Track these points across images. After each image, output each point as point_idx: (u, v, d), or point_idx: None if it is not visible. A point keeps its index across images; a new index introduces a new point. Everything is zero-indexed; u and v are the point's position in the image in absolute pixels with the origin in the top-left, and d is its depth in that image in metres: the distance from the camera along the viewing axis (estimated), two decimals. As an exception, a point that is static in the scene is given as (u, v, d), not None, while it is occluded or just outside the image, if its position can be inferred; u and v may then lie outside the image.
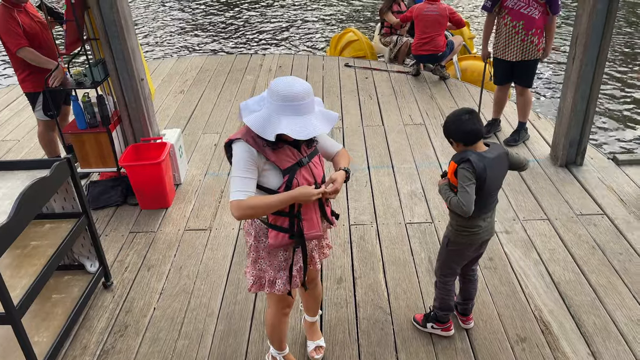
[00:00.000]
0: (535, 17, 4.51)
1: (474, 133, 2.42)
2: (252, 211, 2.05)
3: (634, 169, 4.48)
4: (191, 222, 4.05)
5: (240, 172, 2.06)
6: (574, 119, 4.38)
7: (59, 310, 3.02)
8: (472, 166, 2.38)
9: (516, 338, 2.94)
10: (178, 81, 6.92)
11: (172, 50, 10.08)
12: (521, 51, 4.65)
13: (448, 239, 2.72)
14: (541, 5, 4.47)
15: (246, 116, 2.04)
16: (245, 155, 2.06)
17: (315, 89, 6.46)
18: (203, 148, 5.18)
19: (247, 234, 2.33)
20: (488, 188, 2.47)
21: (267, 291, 2.35)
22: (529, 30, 4.55)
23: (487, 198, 2.52)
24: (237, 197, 2.04)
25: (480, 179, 2.40)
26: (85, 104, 4.01)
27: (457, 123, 2.44)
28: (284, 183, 2.10)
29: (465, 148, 2.46)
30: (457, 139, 2.46)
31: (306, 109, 1.97)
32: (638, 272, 3.37)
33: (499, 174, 2.53)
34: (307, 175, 2.16)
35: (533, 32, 4.54)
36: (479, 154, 2.42)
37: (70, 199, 3.12)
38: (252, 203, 2.04)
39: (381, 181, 4.50)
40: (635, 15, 10.88)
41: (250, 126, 1.99)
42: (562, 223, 3.86)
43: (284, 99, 1.94)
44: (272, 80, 2.01)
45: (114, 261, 3.68)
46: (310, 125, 1.97)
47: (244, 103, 2.10)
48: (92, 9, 3.81)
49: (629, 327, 2.98)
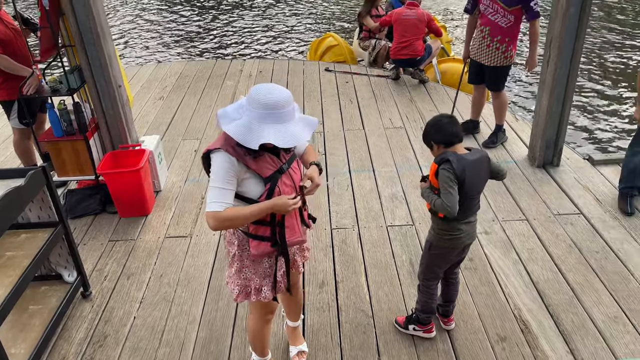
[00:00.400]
0: (502, 25, 4.54)
1: (453, 134, 2.48)
2: (230, 222, 2.04)
3: (609, 169, 4.57)
4: (171, 229, 4.02)
5: (219, 183, 2.03)
6: (550, 121, 4.45)
7: (36, 322, 2.97)
8: (452, 166, 2.42)
9: (496, 338, 2.97)
10: (157, 87, 6.87)
11: (151, 56, 10.01)
12: (487, 56, 4.74)
13: (430, 243, 2.74)
14: (511, 14, 4.48)
15: (226, 125, 1.99)
16: (225, 165, 2.03)
17: (295, 94, 6.47)
18: (183, 154, 5.14)
19: (230, 244, 2.30)
20: (468, 190, 2.49)
21: (253, 299, 2.33)
22: (494, 36, 4.61)
23: (467, 201, 2.54)
24: (214, 209, 2.02)
25: (459, 179, 2.43)
26: (61, 112, 3.96)
27: (436, 126, 2.51)
28: (265, 191, 2.09)
29: (445, 150, 2.50)
30: (437, 141, 2.51)
31: (288, 116, 1.95)
32: (614, 270, 3.43)
33: (479, 177, 2.55)
34: (287, 181, 2.15)
35: (499, 39, 4.59)
36: (459, 155, 2.46)
37: (47, 208, 3.07)
38: (230, 214, 2.02)
39: (362, 185, 4.52)
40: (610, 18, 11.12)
41: (232, 135, 1.95)
42: (540, 223, 3.92)
43: (265, 107, 1.91)
44: (252, 88, 1.99)
45: (93, 270, 3.63)
46: (294, 133, 1.95)
47: (221, 110, 2.06)
48: (67, 15, 3.76)
49: (606, 324, 3.03)
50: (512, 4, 4.47)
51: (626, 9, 11.75)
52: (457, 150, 2.50)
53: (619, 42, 9.62)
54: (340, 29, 11.16)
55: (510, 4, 4.47)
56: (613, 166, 4.61)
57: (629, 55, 8.91)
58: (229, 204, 2.04)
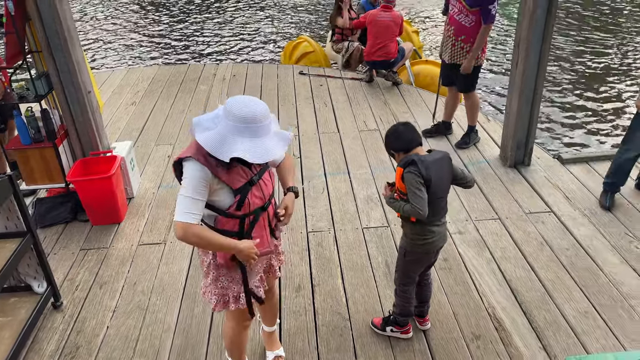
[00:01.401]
0: (466, 24, 4.60)
1: (410, 140, 2.56)
2: (197, 241, 2.04)
3: (578, 167, 4.68)
4: (145, 237, 3.96)
5: (191, 193, 2.00)
6: (520, 121, 4.54)
7: (5, 334, 2.89)
8: (417, 167, 2.46)
9: (471, 336, 3.00)
10: (129, 92, 6.77)
11: (122, 61, 9.87)
12: (451, 55, 4.81)
13: (405, 250, 2.76)
14: (473, 14, 4.54)
15: (199, 133, 1.96)
16: (197, 174, 1.99)
17: (270, 97, 6.46)
18: (156, 160, 5.08)
19: (204, 253, 2.27)
20: (435, 190, 2.53)
21: (232, 308, 2.30)
22: (458, 36, 4.68)
23: (435, 202, 2.57)
24: (185, 220, 1.99)
25: (425, 180, 2.47)
26: (28, 119, 3.87)
27: (395, 134, 2.60)
28: (235, 202, 2.08)
29: (406, 154, 2.56)
30: (398, 149, 2.59)
31: (263, 131, 1.93)
32: (584, 266, 3.51)
33: (443, 177, 2.60)
34: (257, 193, 2.14)
35: (463, 38, 4.65)
36: (421, 156, 2.52)
37: (14, 218, 3.00)
38: (201, 234, 2.02)
39: (338, 187, 4.53)
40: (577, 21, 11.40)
41: (204, 145, 1.92)
42: (512, 222, 3.98)
43: (240, 120, 1.89)
44: (229, 98, 1.97)
45: (64, 280, 3.55)
46: (267, 149, 1.93)
47: (197, 119, 2.02)
48: (34, 20, 3.68)
49: (577, 319, 3.09)
50: (474, 4, 4.51)
51: (590, 15, 12.07)
52: (417, 152, 2.56)
53: (587, 44, 9.87)
54: (311, 31, 11.17)
55: (471, 4, 4.52)
56: (582, 164, 4.72)
57: (596, 57, 9.14)
58: (199, 215, 2.02)
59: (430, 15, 12.28)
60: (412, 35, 8.15)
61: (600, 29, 10.73)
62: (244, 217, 2.13)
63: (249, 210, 2.13)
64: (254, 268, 2.31)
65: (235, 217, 2.12)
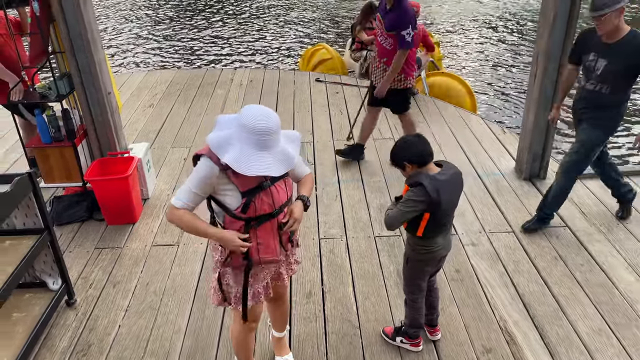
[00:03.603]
0: (387, 47, 4.41)
1: (426, 153, 2.46)
2: (181, 224, 2.14)
3: (594, 182, 4.62)
4: (158, 238, 4.00)
5: (192, 186, 2.09)
6: (537, 134, 4.51)
7: (19, 329, 2.93)
8: (426, 192, 2.39)
9: (482, 349, 2.98)
10: (147, 95, 6.86)
11: (141, 63, 10.00)
12: (375, 76, 4.66)
13: (408, 258, 2.76)
14: (390, 37, 4.34)
15: (215, 132, 2.03)
16: (204, 172, 2.06)
17: (286, 104, 6.50)
18: (172, 162, 5.13)
19: (214, 249, 2.31)
20: (445, 208, 2.49)
21: (232, 307, 2.34)
22: (381, 58, 4.52)
23: (443, 218, 2.55)
24: (174, 203, 2.13)
25: (433, 203, 2.42)
26: (49, 118, 3.94)
27: (406, 145, 2.51)
28: (241, 205, 2.09)
29: (418, 170, 2.48)
30: (410, 160, 2.48)
31: (265, 145, 1.95)
32: (598, 282, 3.47)
33: (454, 195, 2.56)
34: (267, 199, 2.14)
35: (385, 60, 4.48)
36: (432, 176, 2.44)
37: (32, 215, 3.04)
38: (185, 218, 2.12)
39: (351, 195, 4.53)
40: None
41: (208, 143, 1.99)
42: (526, 235, 3.95)
43: (247, 129, 1.93)
44: (245, 106, 2.01)
45: (78, 278, 3.59)
46: (262, 164, 1.94)
47: (220, 117, 2.10)
48: (58, 22, 3.76)
49: (590, 337, 3.05)
50: (390, 28, 4.30)
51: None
52: (429, 169, 2.49)
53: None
54: (331, 39, 11.22)
55: (387, 28, 4.32)
56: (598, 180, 4.65)
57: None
58: (190, 205, 2.13)
59: (453, 26, 12.28)
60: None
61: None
62: (249, 220, 2.14)
63: (255, 215, 2.13)
64: (260, 274, 2.33)
65: (240, 220, 2.13)
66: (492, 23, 12.52)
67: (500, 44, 10.96)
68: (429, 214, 2.48)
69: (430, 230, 2.56)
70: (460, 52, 10.48)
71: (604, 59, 3.42)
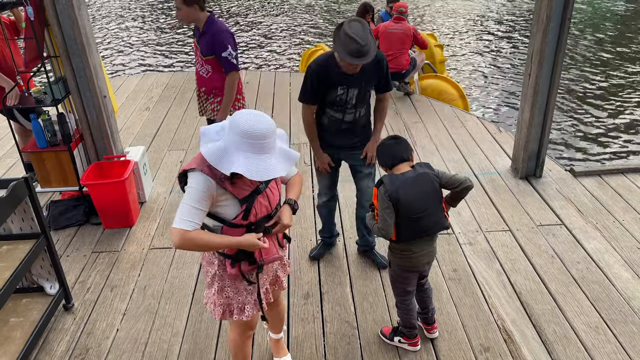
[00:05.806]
0: (203, 75, 3.91)
1: (393, 155, 2.55)
2: (194, 246, 2.00)
3: (590, 180, 4.65)
4: (156, 241, 4.00)
5: (192, 202, 1.98)
6: (532, 133, 4.53)
7: (17, 334, 2.93)
8: (385, 188, 2.46)
9: (480, 348, 2.99)
10: (143, 98, 6.86)
11: (137, 67, 9.99)
12: (199, 108, 4.14)
13: (389, 261, 2.80)
14: (208, 64, 3.83)
15: (204, 144, 1.96)
16: (201, 186, 1.99)
17: (282, 106, 6.50)
18: (169, 165, 5.13)
19: (209, 264, 2.27)
20: (405, 210, 2.48)
21: (235, 318, 2.31)
22: (200, 87, 4.03)
23: (410, 222, 2.53)
24: (182, 226, 1.97)
25: (392, 199, 2.45)
26: (45, 122, 3.94)
27: (381, 148, 2.60)
28: (241, 212, 2.08)
29: (390, 171, 2.57)
30: (381, 163, 2.60)
31: (266, 148, 1.91)
32: (595, 280, 3.48)
33: (418, 195, 2.51)
34: (264, 202, 2.14)
35: (204, 90, 3.99)
36: (393, 175, 2.50)
37: (29, 220, 3.04)
38: (197, 239, 1.99)
39: (348, 196, 4.54)
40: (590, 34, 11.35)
41: (206, 157, 1.91)
42: (522, 234, 3.96)
43: (244, 135, 1.87)
44: (236, 112, 1.97)
45: (76, 282, 3.59)
46: (269, 166, 1.91)
47: (204, 128, 2.02)
48: (52, 26, 3.76)
49: (587, 334, 3.06)
50: (207, 52, 3.78)
51: (606, 25, 12.02)
52: (400, 169, 2.53)
53: (599, 56, 9.82)
54: (330, 39, 11.23)
55: (204, 53, 3.80)
56: (594, 177, 4.69)
57: (609, 69, 9.09)
58: (197, 224, 2.00)
59: (456, 27, 12.31)
60: (434, 49, 8.09)
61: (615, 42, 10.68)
62: (250, 225, 2.13)
63: (256, 219, 2.13)
64: (260, 280, 2.32)
65: (240, 227, 2.11)
66: (489, 23, 12.56)
67: (496, 42, 10.99)
68: (398, 215, 2.51)
69: (403, 235, 2.56)
70: (457, 50, 10.51)
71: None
